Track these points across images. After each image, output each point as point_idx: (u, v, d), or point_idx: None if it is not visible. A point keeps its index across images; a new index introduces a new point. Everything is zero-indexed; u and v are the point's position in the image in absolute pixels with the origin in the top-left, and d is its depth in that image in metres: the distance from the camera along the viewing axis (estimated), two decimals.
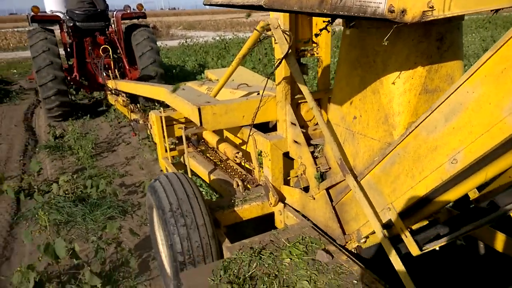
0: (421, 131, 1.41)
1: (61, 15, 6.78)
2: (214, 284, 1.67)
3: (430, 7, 1.15)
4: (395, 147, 1.54)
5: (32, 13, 6.41)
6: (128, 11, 7.19)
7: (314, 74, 7.53)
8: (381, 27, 1.51)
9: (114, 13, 7.11)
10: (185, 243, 1.92)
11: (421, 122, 1.40)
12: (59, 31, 7.04)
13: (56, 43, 6.22)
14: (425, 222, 2.00)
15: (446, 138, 1.32)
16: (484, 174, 1.40)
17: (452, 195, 1.48)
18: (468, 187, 1.44)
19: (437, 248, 1.63)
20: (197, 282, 1.70)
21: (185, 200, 2.00)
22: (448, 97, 1.27)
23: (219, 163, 3.07)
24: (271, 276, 1.68)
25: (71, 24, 6.45)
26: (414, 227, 1.81)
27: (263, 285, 1.63)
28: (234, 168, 2.88)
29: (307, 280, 1.64)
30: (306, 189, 2.22)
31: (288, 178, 2.47)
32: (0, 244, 3.14)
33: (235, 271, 1.74)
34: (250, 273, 1.71)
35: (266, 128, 2.71)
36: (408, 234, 1.59)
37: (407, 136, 1.47)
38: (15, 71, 12.54)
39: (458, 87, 1.23)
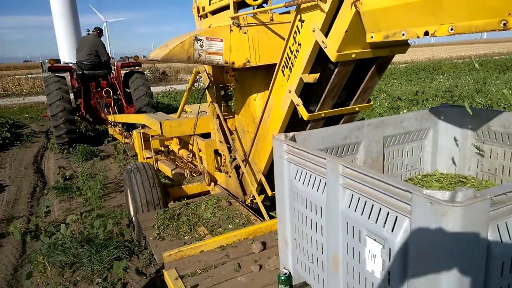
0: (263, 123, 2.66)
1: (72, 65, 8.37)
2: (155, 218, 2.84)
3: (248, 61, 2.46)
4: (256, 134, 2.78)
5: (49, 64, 7.97)
6: (127, 60, 8.78)
7: None
8: (243, 71, 2.81)
9: (115, 62, 8.71)
10: (144, 201, 3.10)
11: (261, 118, 2.64)
12: (70, 78, 8.61)
13: (66, 84, 7.70)
14: None
15: (270, 125, 2.56)
16: None
17: None
18: None
19: None
20: (146, 217, 2.87)
21: (145, 176, 3.22)
22: (267, 103, 2.53)
23: (180, 164, 4.31)
24: (190, 212, 2.86)
25: (80, 72, 7.98)
26: None
27: (185, 216, 2.80)
28: (188, 165, 4.11)
29: (210, 213, 2.82)
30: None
31: (220, 167, 3.68)
32: None
33: (171, 212, 2.91)
34: (178, 212, 2.89)
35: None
36: (266, 183, 2.78)
37: (259, 127, 2.71)
38: (27, 115, 12.92)
39: (269, 98, 2.49)
